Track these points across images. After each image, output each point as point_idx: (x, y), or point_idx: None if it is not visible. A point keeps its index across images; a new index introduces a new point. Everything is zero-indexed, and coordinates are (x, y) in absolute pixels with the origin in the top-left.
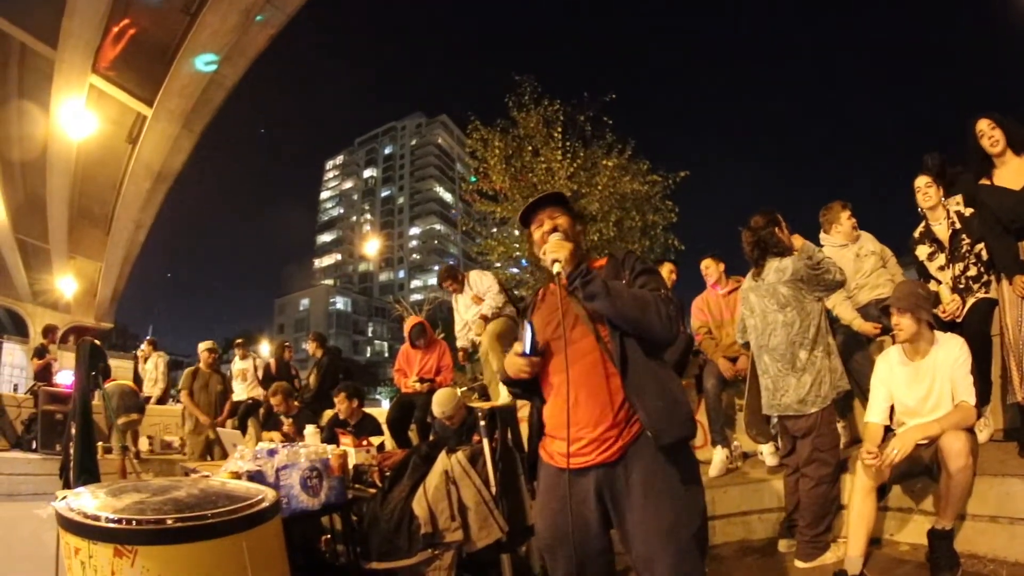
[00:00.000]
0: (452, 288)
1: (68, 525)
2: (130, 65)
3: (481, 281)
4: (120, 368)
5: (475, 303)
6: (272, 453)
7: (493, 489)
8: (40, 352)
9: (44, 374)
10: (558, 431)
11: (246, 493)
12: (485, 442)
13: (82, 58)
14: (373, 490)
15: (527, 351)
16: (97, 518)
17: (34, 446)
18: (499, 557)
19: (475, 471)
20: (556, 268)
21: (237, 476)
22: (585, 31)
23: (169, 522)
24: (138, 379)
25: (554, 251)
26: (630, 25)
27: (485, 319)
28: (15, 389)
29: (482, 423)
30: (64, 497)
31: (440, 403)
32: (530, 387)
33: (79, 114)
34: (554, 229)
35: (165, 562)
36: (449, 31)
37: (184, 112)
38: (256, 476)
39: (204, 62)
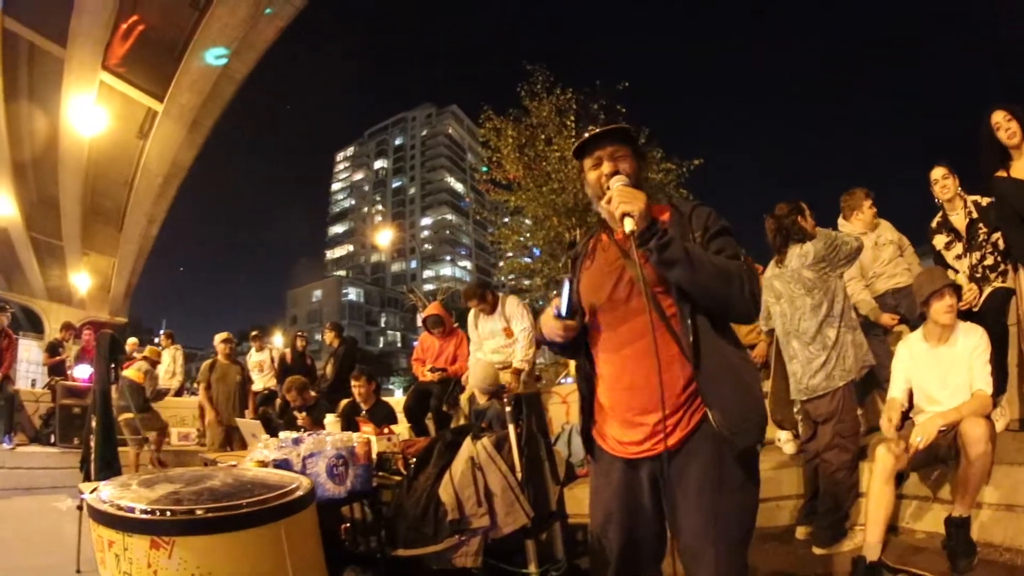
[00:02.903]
0: (480, 308)
1: (100, 517)
2: (140, 61)
3: (515, 310)
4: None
5: (506, 335)
6: (297, 442)
7: (519, 475)
8: (53, 348)
9: (60, 368)
10: (611, 414)
11: (280, 481)
12: (511, 428)
13: (91, 55)
14: (398, 478)
15: (563, 313)
16: (131, 510)
17: (52, 440)
18: (524, 543)
19: (500, 457)
20: (629, 225)
21: (264, 465)
22: (598, 18)
23: (206, 512)
24: None
25: (627, 202)
26: (643, 11)
27: (518, 373)
28: (32, 384)
29: (507, 409)
30: (94, 489)
31: (481, 377)
32: (569, 347)
33: (89, 111)
34: (615, 172)
35: (204, 552)
36: (459, 20)
37: (195, 106)
38: (282, 464)
39: (214, 56)
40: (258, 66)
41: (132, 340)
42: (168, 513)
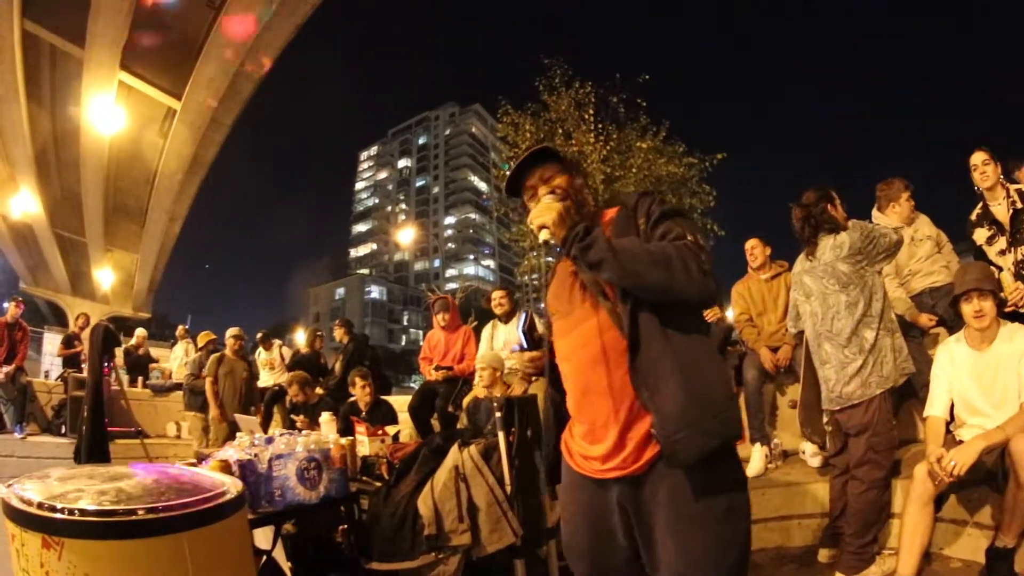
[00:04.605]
0: (502, 308)
1: (5, 510)
2: (157, 60)
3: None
4: (162, 357)
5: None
6: (270, 441)
7: (508, 488)
8: (68, 340)
9: (74, 360)
10: (575, 427)
11: (206, 486)
12: (501, 436)
13: (109, 56)
14: (380, 483)
15: (524, 345)
16: (30, 503)
17: (63, 430)
18: (512, 562)
19: (488, 468)
20: (543, 235)
21: (226, 465)
22: (618, 10)
23: (96, 515)
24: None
25: (539, 215)
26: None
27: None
28: (46, 376)
29: (497, 415)
30: (10, 484)
31: (486, 359)
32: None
33: (109, 110)
34: (551, 193)
35: (93, 558)
36: (482, 17)
37: (212, 105)
38: (247, 465)
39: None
40: (278, 65)
41: (140, 331)
42: (62, 511)
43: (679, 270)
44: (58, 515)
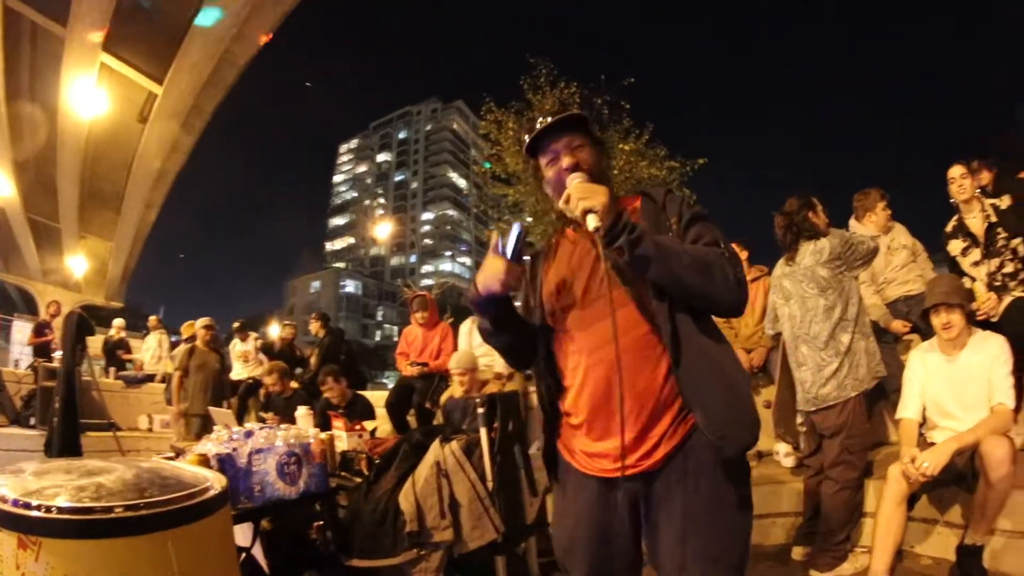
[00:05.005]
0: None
1: None
2: (141, 43)
3: None
4: (134, 348)
5: None
6: (249, 435)
7: (490, 484)
8: (39, 329)
9: (45, 349)
10: (583, 426)
11: (189, 481)
12: (483, 432)
13: (92, 36)
14: (359, 479)
15: (509, 253)
16: (4, 500)
17: (32, 422)
18: (493, 559)
19: (470, 464)
20: (592, 222)
21: (205, 459)
22: (605, 14)
23: (75, 513)
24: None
25: (586, 198)
26: (651, 7)
27: (500, 377)
28: (15, 365)
29: (480, 411)
30: None
31: (461, 363)
32: (503, 318)
33: (90, 93)
34: (575, 167)
35: (72, 559)
36: (467, 13)
37: (194, 91)
38: (226, 459)
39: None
40: (262, 53)
41: (119, 321)
42: (40, 509)
43: (719, 278)
44: (34, 513)
